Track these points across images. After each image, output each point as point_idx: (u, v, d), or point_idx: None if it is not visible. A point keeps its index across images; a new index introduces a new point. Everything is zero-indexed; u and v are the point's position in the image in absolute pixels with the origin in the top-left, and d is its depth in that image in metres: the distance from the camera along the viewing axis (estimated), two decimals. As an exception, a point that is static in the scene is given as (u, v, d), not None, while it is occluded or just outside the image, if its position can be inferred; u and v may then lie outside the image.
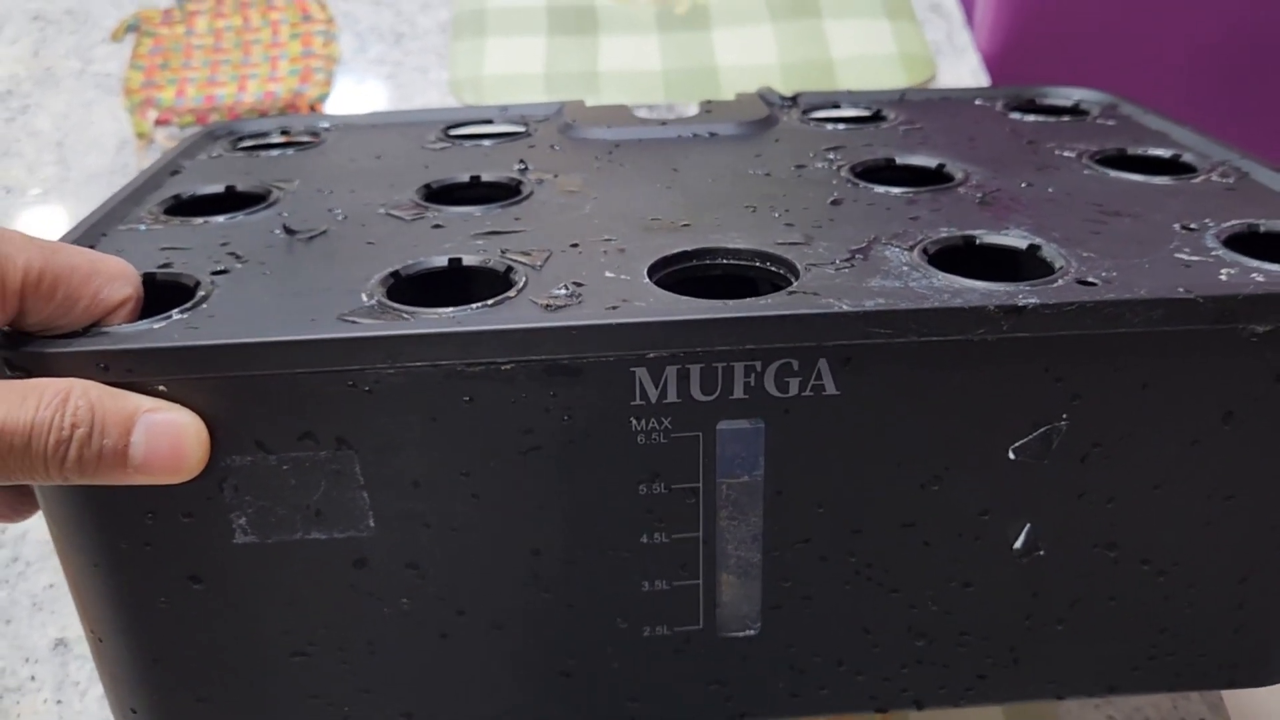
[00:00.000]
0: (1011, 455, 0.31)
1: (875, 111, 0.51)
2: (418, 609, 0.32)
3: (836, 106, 0.52)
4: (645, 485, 0.31)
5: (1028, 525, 0.32)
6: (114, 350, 0.28)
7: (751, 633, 0.33)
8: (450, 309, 0.30)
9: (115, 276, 0.29)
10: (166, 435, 0.28)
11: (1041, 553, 0.33)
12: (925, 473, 0.31)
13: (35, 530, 0.51)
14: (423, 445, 0.30)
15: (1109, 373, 0.30)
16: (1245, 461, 0.32)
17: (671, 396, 0.30)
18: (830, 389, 0.30)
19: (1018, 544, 0.33)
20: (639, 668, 0.34)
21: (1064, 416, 0.31)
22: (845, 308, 0.29)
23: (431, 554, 0.31)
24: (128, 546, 0.31)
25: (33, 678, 0.46)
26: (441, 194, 0.41)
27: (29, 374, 0.28)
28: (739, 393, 0.30)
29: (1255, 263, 0.32)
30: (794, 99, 0.52)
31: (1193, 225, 0.35)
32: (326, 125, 0.50)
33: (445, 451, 0.30)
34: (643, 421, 0.30)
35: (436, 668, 0.33)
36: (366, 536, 0.31)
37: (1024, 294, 0.29)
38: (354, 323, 0.29)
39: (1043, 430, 0.31)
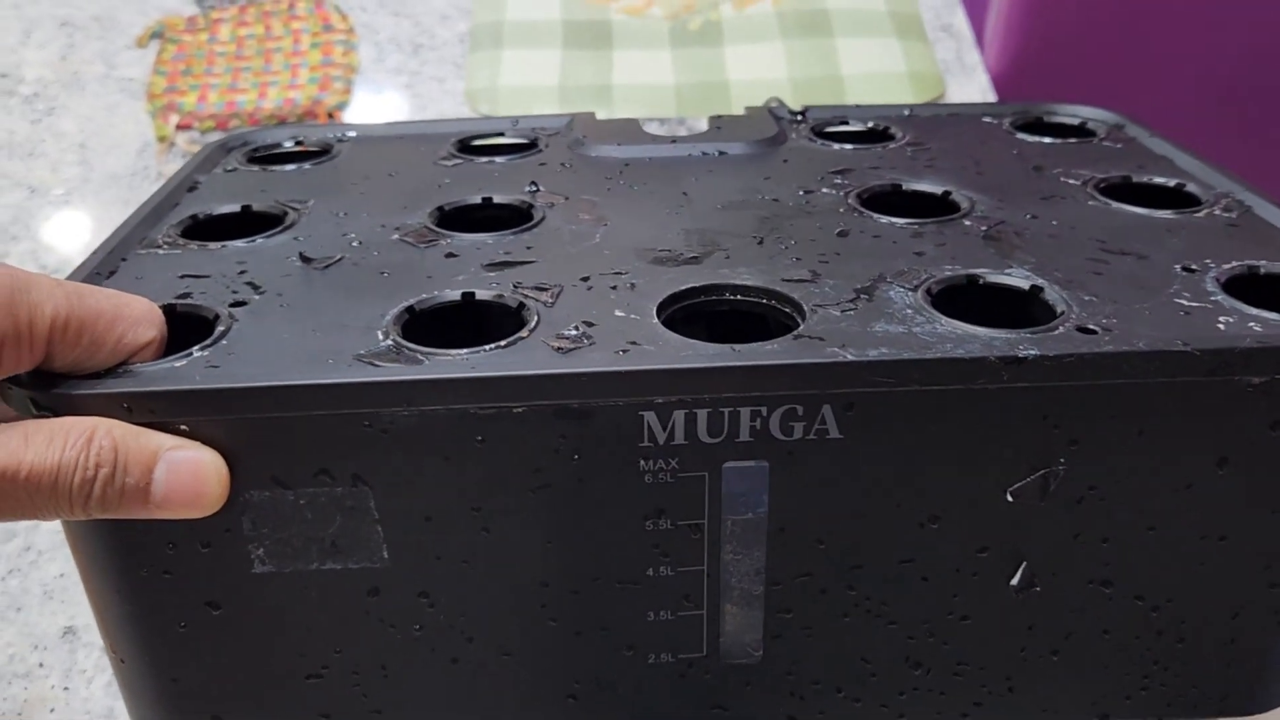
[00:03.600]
0: (1009, 497, 0.32)
1: (883, 129, 0.51)
2: (429, 635, 0.33)
3: (845, 122, 0.52)
4: (652, 521, 0.32)
5: (1024, 563, 0.33)
6: (137, 392, 0.29)
7: (753, 660, 0.34)
8: (464, 351, 0.30)
9: (140, 320, 0.30)
10: (187, 473, 0.29)
11: (1038, 589, 0.34)
12: (925, 513, 0.32)
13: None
14: (436, 482, 0.31)
15: (1107, 419, 0.31)
16: (1239, 504, 0.33)
17: (679, 439, 0.30)
18: (833, 433, 0.31)
19: (1014, 580, 0.33)
20: (643, 692, 0.35)
21: (1061, 461, 0.31)
22: (849, 357, 0.30)
23: (443, 584, 0.32)
24: (148, 574, 0.32)
25: (41, 664, 0.47)
26: (454, 216, 0.42)
27: (55, 413, 0.29)
28: (744, 435, 0.30)
29: (1254, 310, 0.32)
30: (803, 114, 0.53)
31: (1193, 266, 0.35)
32: (340, 136, 0.51)
33: (457, 488, 0.31)
34: (650, 462, 0.31)
35: (447, 691, 0.34)
36: (380, 567, 0.32)
37: (1025, 344, 0.30)
38: (371, 364, 0.30)
39: (1040, 474, 0.32)
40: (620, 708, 0.35)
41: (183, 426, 0.29)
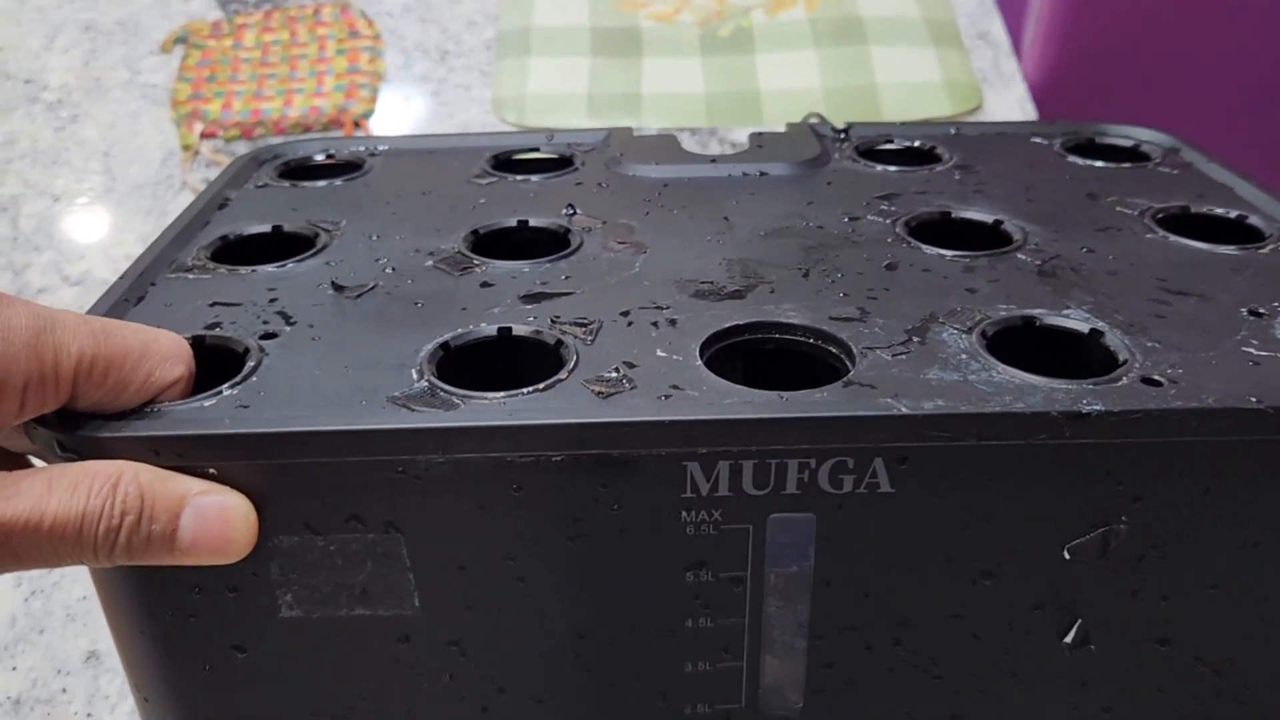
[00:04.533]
0: (1066, 555, 0.31)
1: (929, 149, 0.49)
2: (459, 684, 0.32)
3: (889, 140, 0.51)
4: (693, 573, 0.31)
5: (1079, 620, 0.32)
6: (165, 436, 0.28)
7: (793, 714, 0.33)
8: (501, 394, 0.29)
9: (167, 357, 0.29)
10: (215, 519, 0.28)
11: (1093, 647, 0.32)
12: (977, 568, 0.31)
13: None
14: (470, 530, 0.30)
15: (1171, 476, 0.30)
16: (1307, 563, 0.31)
17: (723, 490, 0.29)
18: (885, 486, 0.29)
19: (1069, 638, 0.32)
20: (679, 743, 0.34)
21: (1123, 519, 0.30)
22: (904, 410, 0.28)
23: (475, 633, 0.31)
24: (173, 617, 0.31)
25: (64, 690, 0.46)
26: (489, 240, 0.41)
27: (80, 456, 0.28)
28: (792, 488, 0.29)
29: (1326, 362, 0.31)
30: (846, 131, 0.51)
31: (1261, 310, 0.34)
32: (372, 150, 0.50)
33: (492, 537, 0.30)
34: (693, 513, 0.30)
35: (476, 737, 0.33)
36: (411, 615, 0.31)
37: (1088, 399, 0.29)
38: (405, 408, 0.29)
39: (1100, 532, 0.30)
40: (654, 757, 0.34)
41: (211, 470, 0.28)
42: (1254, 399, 0.29)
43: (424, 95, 0.68)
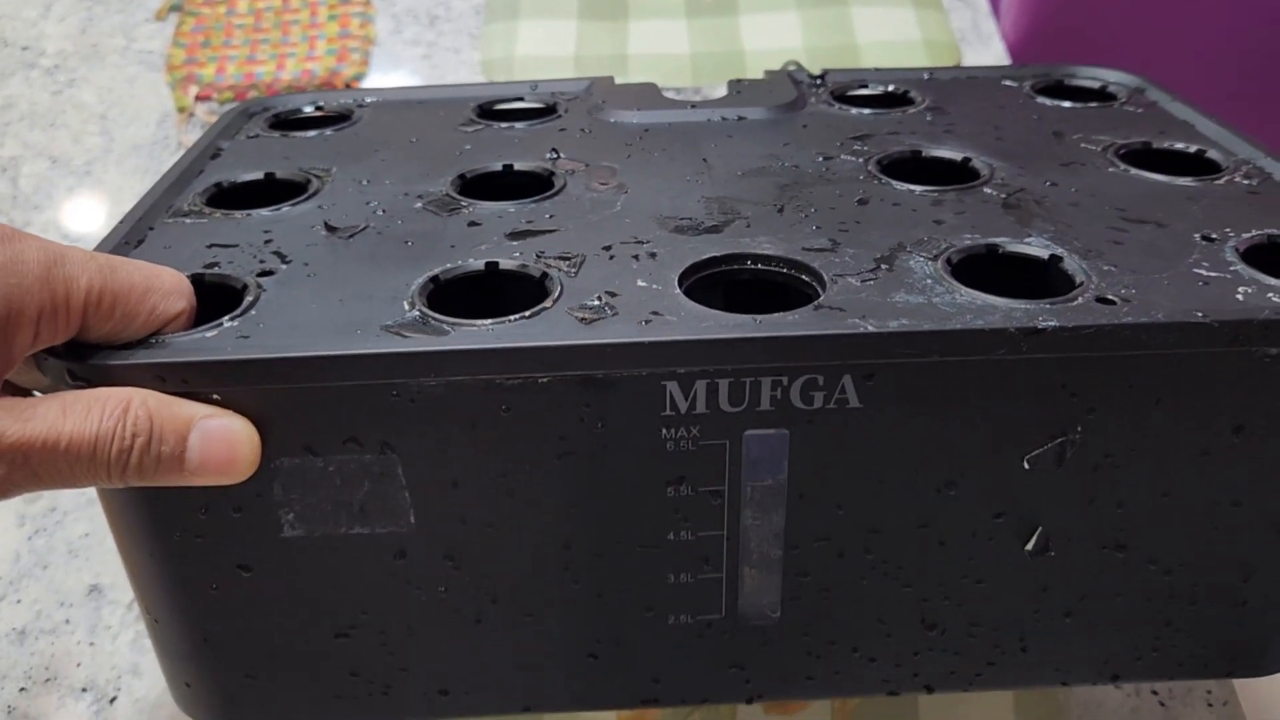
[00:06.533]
0: (1026, 465, 0.32)
1: (903, 93, 0.51)
2: (454, 596, 0.34)
3: (864, 85, 0.52)
4: (673, 488, 0.32)
5: (1040, 528, 0.34)
6: (170, 363, 0.29)
7: (771, 621, 0.35)
8: (489, 321, 0.31)
9: (170, 291, 0.31)
10: (220, 441, 0.30)
11: (1052, 553, 0.34)
12: (942, 479, 0.33)
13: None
14: (462, 450, 0.31)
15: (1124, 389, 0.31)
16: (1254, 471, 0.33)
17: (700, 408, 0.31)
18: (853, 402, 0.31)
19: (1030, 545, 0.34)
20: (663, 652, 0.36)
21: (1079, 429, 0.32)
22: (870, 328, 0.30)
23: (468, 547, 0.33)
24: (181, 538, 0.32)
25: (67, 621, 0.48)
26: (476, 183, 0.42)
27: (90, 384, 0.29)
28: (765, 405, 0.31)
29: (1272, 280, 0.33)
30: (822, 77, 0.52)
31: (1213, 235, 0.36)
32: (360, 102, 0.51)
33: (483, 455, 0.31)
34: (672, 430, 0.31)
35: (471, 649, 0.35)
36: (407, 531, 0.33)
37: (1044, 315, 0.30)
38: (398, 334, 0.30)
39: (1057, 442, 0.32)
40: (640, 666, 0.36)
41: (215, 396, 0.30)
42: (1200, 314, 0.30)
43: (414, 59, 0.69)
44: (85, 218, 0.63)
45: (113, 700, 0.45)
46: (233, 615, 0.34)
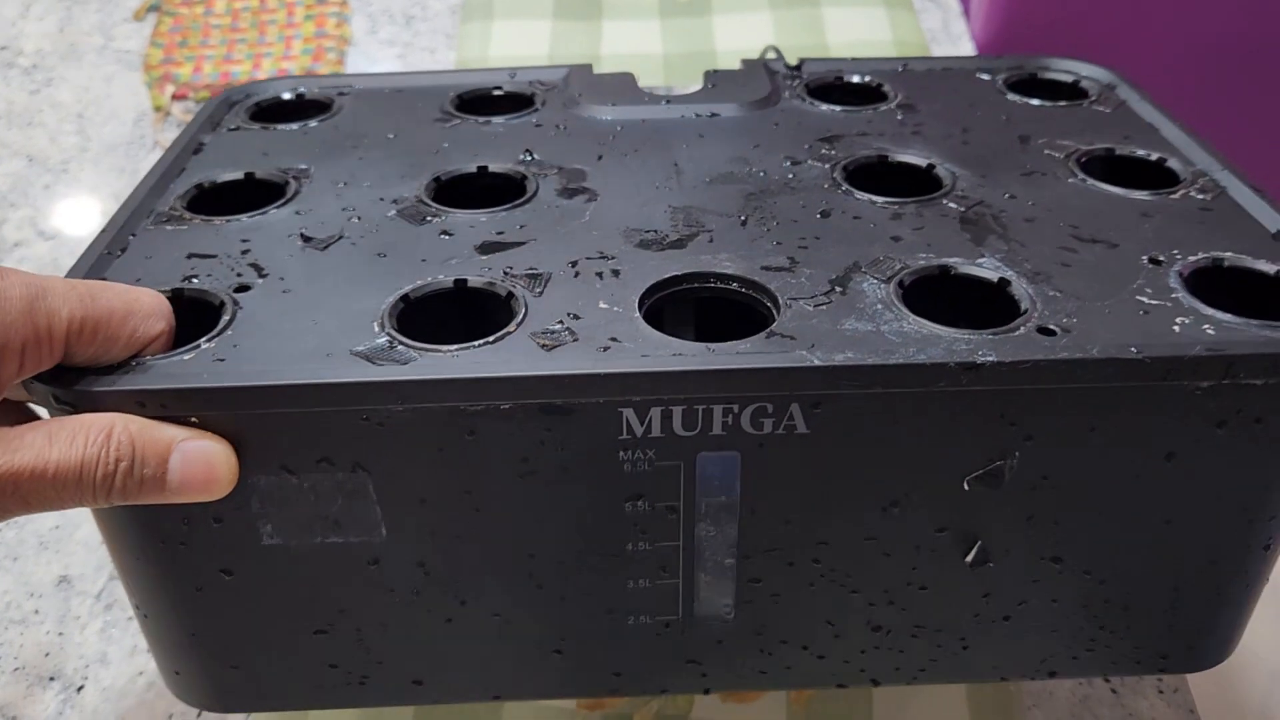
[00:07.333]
0: (966, 486, 0.34)
1: (876, 86, 0.51)
2: (425, 599, 0.36)
3: (839, 77, 0.53)
4: (631, 504, 0.34)
5: (979, 542, 0.35)
6: (150, 389, 0.31)
7: (725, 622, 0.37)
8: (454, 347, 0.32)
9: (150, 314, 0.32)
10: (199, 462, 0.31)
11: (992, 565, 0.36)
12: (887, 498, 0.34)
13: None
14: (429, 469, 0.33)
15: (1060, 418, 0.33)
16: (1185, 493, 0.35)
17: (655, 432, 0.32)
18: (801, 428, 0.33)
19: (970, 557, 0.36)
20: (624, 649, 0.38)
21: (1016, 454, 0.33)
22: (816, 362, 0.31)
23: (437, 556, 0.35)
24: (166, 545, 0.34)
25: (36, 611, 0.49)
26: (450, 186, 0.43)
27: (75, 408, 0.31)
28: (717, 430, 0.33)
29: (1209, 311, 0.34)
30: (798, 68, 0.53)
31: (1160, 258, 0.37)
32: (341, 90, 0.52)
33: (450, 475, 0.33)
34: (629, 453, 0.33)
35: (443, 645, 0.37)
36: (379, 542, 0.34)
37: (983, 349, 0.32)
38: (367, 360, 0.32)
39: (996, 465, 0.34)
40: (602, 662, 0.38)
41: (193, 419, 0.31)
42: (1134, 349, 0.32)
43: (390, 58, 0.70)
44: (62, 216, 0.64)
45: (80, 689, 0.46)
46: (217, 614, 0.36)
